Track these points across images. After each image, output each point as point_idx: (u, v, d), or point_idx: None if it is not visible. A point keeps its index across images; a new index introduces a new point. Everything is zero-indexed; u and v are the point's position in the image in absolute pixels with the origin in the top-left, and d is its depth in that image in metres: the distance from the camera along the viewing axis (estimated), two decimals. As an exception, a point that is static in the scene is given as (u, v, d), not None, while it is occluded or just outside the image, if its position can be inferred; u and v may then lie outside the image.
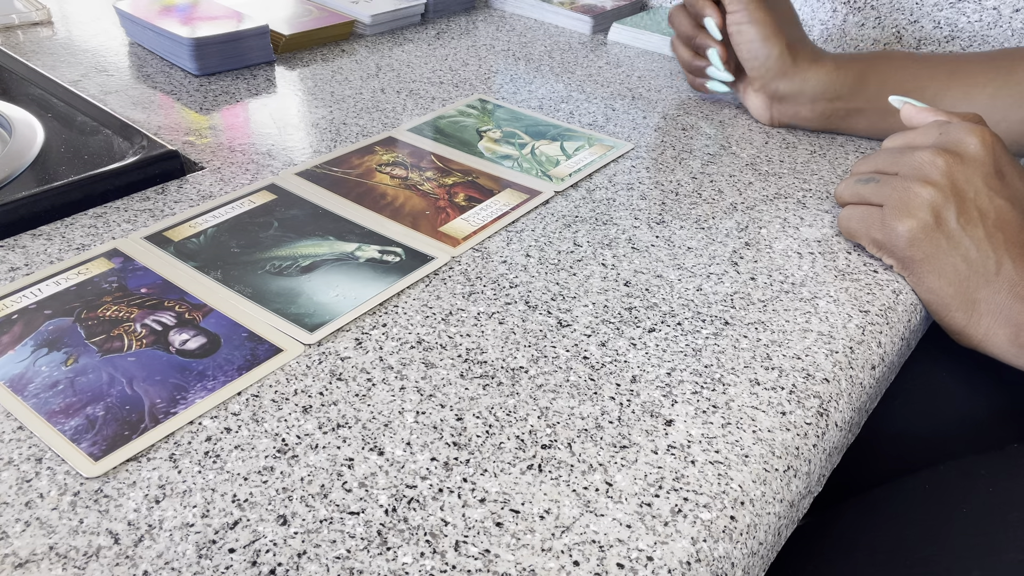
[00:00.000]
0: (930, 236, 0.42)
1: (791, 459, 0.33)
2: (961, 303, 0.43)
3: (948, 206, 0.42)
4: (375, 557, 0.28)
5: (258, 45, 0.66)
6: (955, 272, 0.42)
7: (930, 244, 0.42)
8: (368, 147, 0.55)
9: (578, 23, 0.82)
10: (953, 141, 0.44)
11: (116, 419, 0.32)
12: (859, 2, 0.75)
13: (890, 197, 0.44)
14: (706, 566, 0.28)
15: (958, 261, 0.42)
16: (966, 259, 0.42)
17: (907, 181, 0.43)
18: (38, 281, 0.40)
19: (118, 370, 0.35)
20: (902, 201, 0.43)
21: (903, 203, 0.43)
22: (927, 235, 0.42)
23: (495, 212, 0.48)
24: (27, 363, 0.35)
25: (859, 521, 0.46)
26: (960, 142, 0.43)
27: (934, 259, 0.43)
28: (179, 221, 0.45)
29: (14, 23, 0.70)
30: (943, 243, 0.42)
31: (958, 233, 0.42)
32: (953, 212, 0.42)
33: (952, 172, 0.42)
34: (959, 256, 0.42)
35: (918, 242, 0.43)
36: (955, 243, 0.42)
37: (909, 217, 0.43)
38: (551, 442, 0.33)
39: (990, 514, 0.41)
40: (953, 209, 0.42)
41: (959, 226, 0.42)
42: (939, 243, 0.42)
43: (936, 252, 0.42)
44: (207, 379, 0.34)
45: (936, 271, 0.43)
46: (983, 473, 0.44)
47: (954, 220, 0.42)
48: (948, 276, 0.42)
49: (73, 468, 0.30)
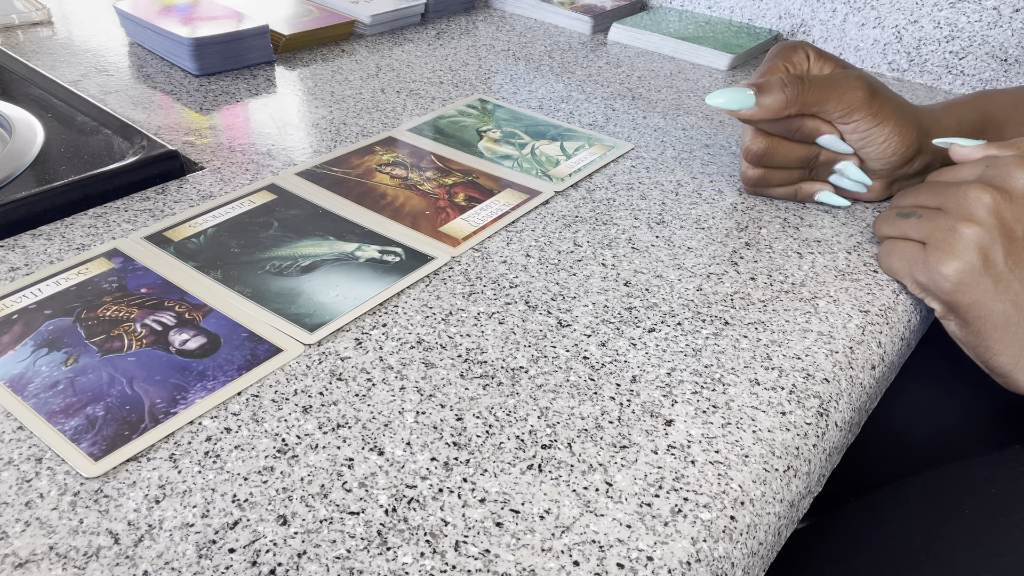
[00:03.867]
0: (977, 280, 0.40)
1: (791, 459, 0.33)
2: (1007, 347, 0.41)
3: (995, 246, 0.40)
4: (375, 557, 0.28)
5: (258, 45, 0.66)
6: (1004, 316, 0.40)
7: (977, 289, 0.40)
8: (368, 147, 0.55)
9: (578, 23, 0.82)
10: (1000, 176, 0.41)
11: (116, 419, 0.32)
12: (859, 2, 0.75)
13: (933, 235, 0.42)
14: (706, 566, 0.28)
15: (1007, 305, 0.40)
16: (1015, 303, 0.40)
17: (951, 219, 0.41)
18: (38, 281, 0.40)
19: (118, 370, 0.35)
20: (946, 241, 0.41)
21: (947, 243, 0.41)
22: (973, 279, 0.40)
23: (495, 212, 0.48)
24: (27, 363, 0.35)
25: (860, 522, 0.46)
26: (1008, 177, 0.41)
27: (981, 304, 0.40)
28: (179, 221, 0.45)
29: (14, 23, 0.70)
30: (990, 287, 0.40)
31: (1006, 275, 0.40)
32: (1001, 252, 0.40)
33: (999, 209, 0.40)
34: (1009, 300, 0.40)
35: (964, 287, 0.40)
36: (1004, 286, 0.40)
37: (954, 258, 0.40)
38: (551, 442, 0.33)
39: (993, 516, 0.41)
40: (1001, 249, 0.40)
41: (1008, 267, 0.40)
42: (986, 287, 0.40)
43: (983, 297, 0.40)
44: (207, 379, 0.34)
45: (983, 316, 0.41)
46: (985, 474, 0.44)
47: (1002, 261, 0.40)
48: (995, 320, 0.40)
49: (73, 468, 0.30)
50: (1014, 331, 0.40)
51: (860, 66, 0.76)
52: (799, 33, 0.79)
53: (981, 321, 0.41)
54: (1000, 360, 0.41)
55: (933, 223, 0.42)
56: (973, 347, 0.42)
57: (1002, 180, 0.41)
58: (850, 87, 0.47)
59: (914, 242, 0.44)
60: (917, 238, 0.43)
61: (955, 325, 0.43)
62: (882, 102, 0.48)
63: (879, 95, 0.48)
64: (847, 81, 0.47)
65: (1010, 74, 0.71)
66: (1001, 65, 0.71)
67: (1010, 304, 0.40)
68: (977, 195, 0.41)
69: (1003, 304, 0.40)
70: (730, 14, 0.83)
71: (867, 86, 0.47)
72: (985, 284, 0.40)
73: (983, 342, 0.41)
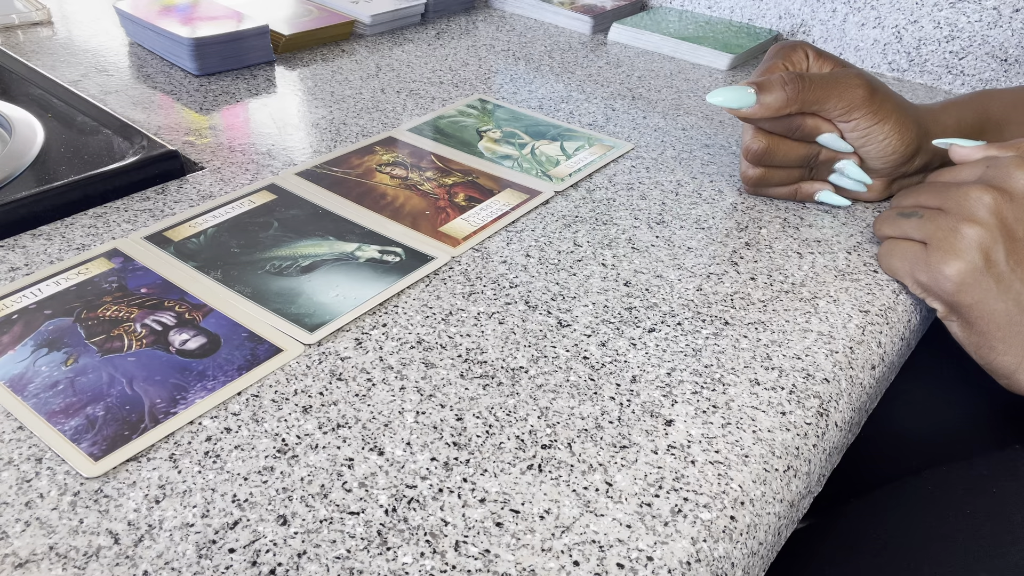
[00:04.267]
0: (979, 280, 0.40)
1: (791, 459, 0.33)
2: (1010, 346, 0.41)
3: (997, 246, 0.40)
4: (375, 557, 0.28)
5: (258, 45, 0.66)
6: (1006, 316, 0.40)
7: (979, 289, 0.40)
8: (368, 147, 0.55)
9: (578, 23, 0.82)
10: (1001, 176, 0.41)
11: (116, 419, 0.32)
12: (859, 2, 0.74)
13: (934, 235, 0.42)
14: (706, 566, 0.28)
15: (1010, 305, 0.40)
16: (1018, 302, 0.40)
17: (953, 219, 0.41)
18: (38, 281, 0.40)
19: (118, 370, 0.35)
20: (947, 241, 0.41)
21: (949, 243, 0.41)
22: (976, 279, 0.40)
23: (495, 212, 0.48)
24: (27, 363, 0.35)
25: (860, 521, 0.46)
26: (1008, 177, 0.41)
27: (983, 304, 0.40)
28: (179, 221, 0.45)
29: (14, 23, 0.70)
30: (992, 287, 0.40)
31: (1008, 275, 0.40)
32: (1002, 252, 0.40)
33: (1000, 209, 0.40)
34: (1011, 299, 0.40)
35: (967, 287, 0.40)
36: (1006, 286, 0.40)
37: (956, 259, 0.40)
38: (551, 442, 0.33)
39: (994, 515, 0.41)
40: (1002, 249, 0.40)
41: (1009, 267, 0.40)
42: (988, 287, 0.40)
43: (986, 297, 0.40)
44: (207, 379, 0.34)
45: (985, 316, 0.40)
46: (986, 474, 0.44)
47: (1004, 261, 0.40)
48: (998, 320, 0.40)
49: (73, 468, 0.30)
50: (1017, 330, 0.40)
51: (860, 66, 0.76)
52: (799, 33, 0.79)
53: (984, 321, 0.41)
54: (1004, 360, 0.41)
55: (935, 223, 0.42)
56: (976, 348, 0.42)
57: (1002, 180, 0.41)
58: (850, 85, 0.47)
59: (915, 242, 0.44)
60: (918, 238, 0.43)
61: (957, 326, 0.43)
62: (882, 100, 0.48)
63: (879, 93, 0.48)
64: (847, 79, 0.47)
65: (1010, 74, 0.71)
66: (1001, 65, 0.71)
67: (1012, 303, 0.40)
68: (978, 195, 0.41)
69: (1005, 304, 0.40)
70: (730, 14, 0.83)
71: (867, 84, 0.47)
72: (987, 284, 0.40)
73: (987, 342, 0.41)
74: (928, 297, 0.43)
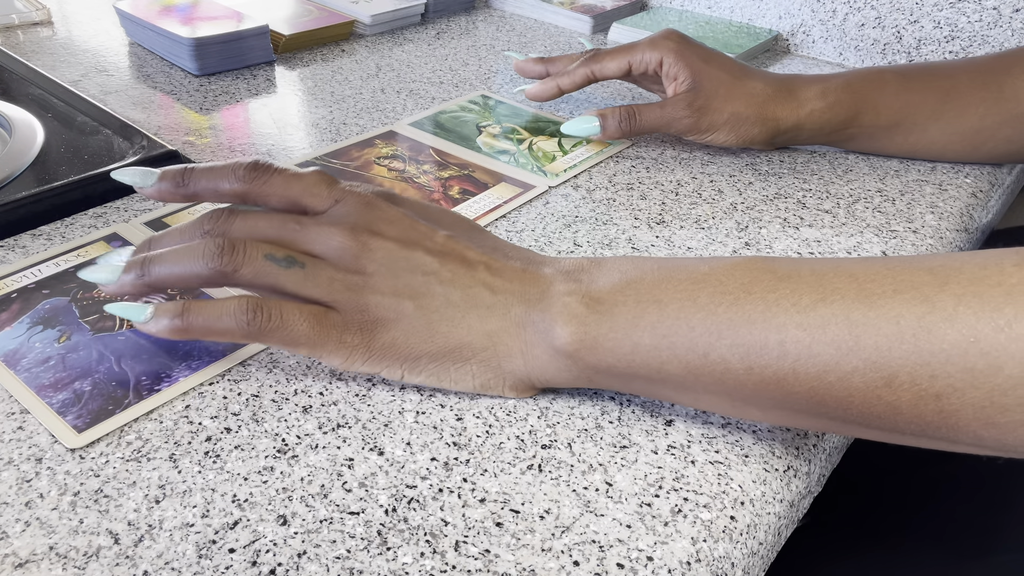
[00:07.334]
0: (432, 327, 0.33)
1: (791, 459, 0.33)
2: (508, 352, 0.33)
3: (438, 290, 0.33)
4: (375, 557, 0.28)
5: (258, 45, 0.66)
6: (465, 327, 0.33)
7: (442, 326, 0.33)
8: (368, 140, 0.56)
9: (578, 23, 0.82)
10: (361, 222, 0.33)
11: (102, 394, 0.33)
12: (859, 2, 0.74)
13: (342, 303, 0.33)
14: (706, 566, 0.28)
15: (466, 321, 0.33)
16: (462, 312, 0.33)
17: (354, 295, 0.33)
18: (38, 263, 0.41)
19: (108, 348, 0.36)
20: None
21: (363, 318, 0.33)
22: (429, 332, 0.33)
23: (488, 205, 0.49)
24: (22, 339, 0.36)
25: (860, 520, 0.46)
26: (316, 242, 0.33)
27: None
28: (179, 208, 0.46)
29: (14, 23, 0.70)
30: (453, 318, 0.33)
31: (453, 297, 0.33)
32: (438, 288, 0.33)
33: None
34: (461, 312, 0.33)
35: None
36: (453, 307, 0.33)
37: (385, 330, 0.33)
38: (551, 442, 0.33)
39: (998, 511, 0.41)
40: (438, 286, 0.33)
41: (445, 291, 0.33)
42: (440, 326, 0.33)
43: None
44: (192, 359, 0.36)
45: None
46: (988, 471, 0.44)
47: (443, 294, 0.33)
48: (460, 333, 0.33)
49: (57, 438, 0.31)
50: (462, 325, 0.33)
51: (860, 66, 0.76)
52: (799, 33, 0.79)
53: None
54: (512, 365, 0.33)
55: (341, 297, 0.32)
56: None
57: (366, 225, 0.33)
58: (677, 118, 0.54)
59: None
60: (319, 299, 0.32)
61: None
62: (709, 124, 0.54)
63: (704, 119, 0.54)
64: (675, 113, 0.54)
65: (1010, 74, 0.70)
66: (1001, 65, 0.71)
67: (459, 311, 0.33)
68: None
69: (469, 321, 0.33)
70: (730, 14, 0.83)
71: (692, 115, 0.53)
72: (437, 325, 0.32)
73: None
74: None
